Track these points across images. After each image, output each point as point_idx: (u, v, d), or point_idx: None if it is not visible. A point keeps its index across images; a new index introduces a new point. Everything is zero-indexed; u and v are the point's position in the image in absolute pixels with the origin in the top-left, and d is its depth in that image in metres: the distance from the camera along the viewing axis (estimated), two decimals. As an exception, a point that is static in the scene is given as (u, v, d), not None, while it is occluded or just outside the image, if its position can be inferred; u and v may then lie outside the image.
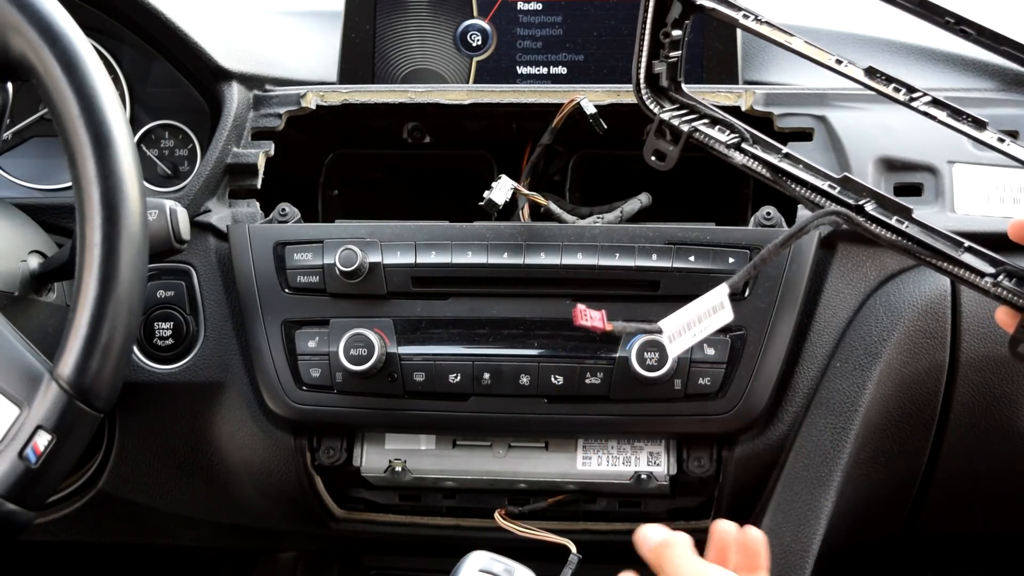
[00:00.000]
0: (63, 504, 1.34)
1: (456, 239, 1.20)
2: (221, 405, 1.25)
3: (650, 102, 1.05)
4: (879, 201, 0.97)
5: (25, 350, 0.99)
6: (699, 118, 1.05)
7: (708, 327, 0.97)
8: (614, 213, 1.27)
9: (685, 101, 1.06)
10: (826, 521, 1.18)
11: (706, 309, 0.96)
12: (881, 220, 0.96)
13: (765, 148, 1.02)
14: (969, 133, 0.91)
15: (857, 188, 0.98)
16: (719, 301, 0.96)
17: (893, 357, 1.18)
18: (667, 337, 0.96)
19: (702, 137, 1.03)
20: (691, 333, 0.96)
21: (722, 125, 1.04)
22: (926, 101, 0.92)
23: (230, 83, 1.30)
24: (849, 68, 0.95)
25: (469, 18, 1.40)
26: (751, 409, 1.16)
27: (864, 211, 0.97)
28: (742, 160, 1.02)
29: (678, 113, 1.05)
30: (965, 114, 0.91)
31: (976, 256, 0.93)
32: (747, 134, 1.03)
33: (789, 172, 1.00)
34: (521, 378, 1.17)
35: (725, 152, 1.02)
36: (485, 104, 1.31)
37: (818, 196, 0.99)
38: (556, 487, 1.25)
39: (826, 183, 0.99)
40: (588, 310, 0.92)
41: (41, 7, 0.98)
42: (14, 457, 0.95)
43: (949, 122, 0.91)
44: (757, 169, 1.01)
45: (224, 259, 1.24)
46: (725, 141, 1.02)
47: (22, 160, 1.37)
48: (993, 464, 1.27)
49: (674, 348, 0.97)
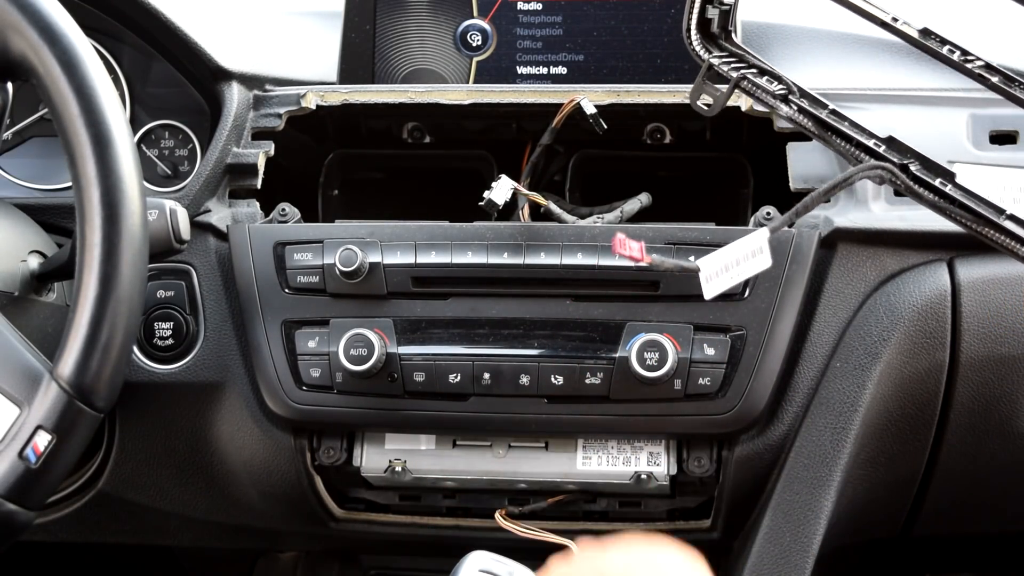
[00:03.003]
0: (63, 504, 1.34)
1: (456, 239, 1.20)
2: (221, 405, 1.25)
3: (699, 47, 1.04)
4: (923, 163, 0.96)
5: (25, 350, 0.99)
6: (748, 67, 1.04)
7: (745, 271, 0.95)
8: (614, 213, 1.27)
9: (734, 50, 1.05)
10: (826, 521, 1.18)
11: (745, 252, 0.94)
12: (925, 181, 0.95)
13: (812, 103, 1.01)
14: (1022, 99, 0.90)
15: (902, 148, 0.97)
16: (759, 245, 0.94)
17: (893, 357, 1.18)
18: (704, 276, 0.93)
19: (749, 86, 1.02)
20: (728, 275, 0.94)
21: (770, 76, 1.03)
22: (979, 65, 0.92)
23: (230, 83, 1.30)
24: (904, 26, 0.94)
25: (469, 18, 1.40)
26: (751, 409, 1.16)
27: (909, 170, 0.96)
28: (788, 112, 1.00)
29: (727, 60, 1.04)
30: (1018, 80, 0.91)
31: (1018, 224, 0.92)
32: (794, 87, 1.02)
33: (835, 127, 0.99)
34: (521, 378, 1.17)
35: (772, 102, 1.01)
36: (485, 104, 1.31)
37: (863, 153, 0.98)
38: (556, 487, 1.25)
39: (872, 140, 0.98)
40: (628, 240, 0.90)
41: (41, 7, 0.98)
42: (14, 457, 0.95)
43: (1002, 87, 0.91)
44: (802, 122, 1.00)
45: (224, 259, 1.24)
46: (773, 91, 1.01)
47: (22, 160, 1.37)
48: (993, 464, 1.27)
49: (710, 288, 0.94)
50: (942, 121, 1.25)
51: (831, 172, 1.22)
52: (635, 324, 1.17)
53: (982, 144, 1.24)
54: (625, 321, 1.17)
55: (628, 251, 0.89)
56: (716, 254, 0.94)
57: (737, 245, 0.94)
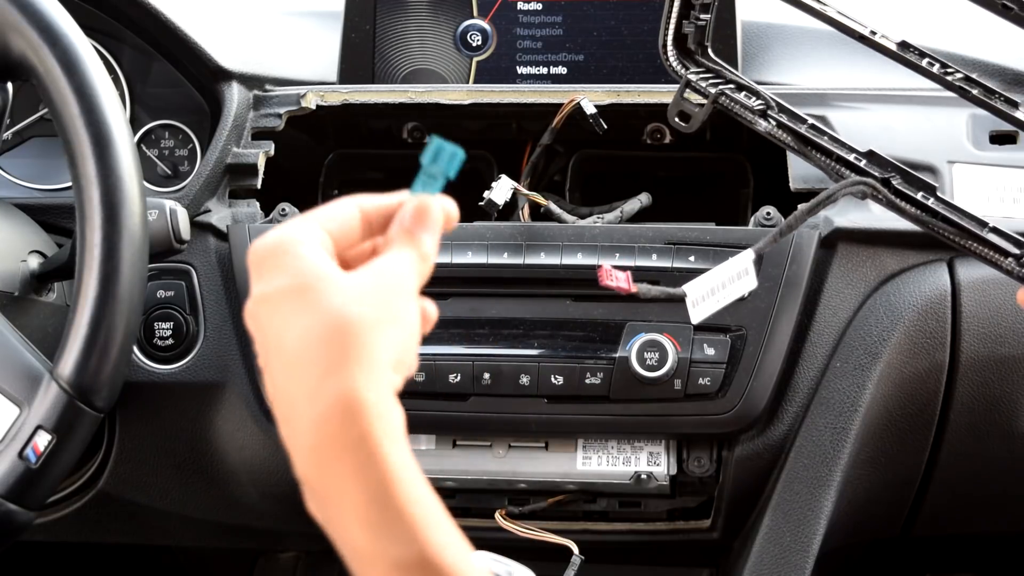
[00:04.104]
0: (63, 504, 1.34)
1: (456, 239, 1.20)
2: (221, 405, 1.25)
3: (676, 63, 1.04)
4: (904, 177, 0.96)
5: (25, 350, 0.99)
6: (725, 83, 1.04)
7: (732, 293, 0.95)
8: (614, 213, 1.27)
9: (711, 65, 1.05)
10: (826, 521, 1.18)
11: (730, 275, 0.95)
12: (907, 195, 0.96)
13: (791, 117, 1.01)
14: (1002, 110, 0.91)
15: (882, 162, 0.97)
16: (744, 267, 0.95)
17: (893, 357, 1.18)
18: (691, 301, 0.94)
19: (728, 102, 1.02)
20: (715, 299, 0.94)
21: (748, 91, 1.03)
22: (959, 77, 0.92)
23: (230, 83, 1.29)
24: (882, 39, 0.94)
25: (469, 18, 1.40)
26: (751, 409, 1.16)
27: (891, 184, 0.96)
28: (767, 127, 1.01)
29: (704, 76, 1.04)
30: (997, 93, 0.91)
31: (1000, 236, 0.93)
32: (773, 102, 1.02)
33: (815, 142, 0.99)
34: (521, 378, 1.17)
35: (751, 118, 1.01)
36: (485, 104, 1.31)
37: (844, 168, 0.98)
38: (556, 487, 1.25)
39: (852, 155, 0.98)
40: (614, 271, 0.90)
41: (41, 7, 0.98)
42: (14, 457, 0.95)
43: (982, 99, 0.91)
44: (782, 136, 1.00)
45: (224, 259, 1.24)
46: (751, 107, 1.01)
47: (22, 160, 1.37)
48: (993, 464, 1.27)
49: (697, 313, 0.94)
50: (942, 121, 1.25)
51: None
52: (635, 324, 1.17)
53: (982, 144, 1.24)
54: (625, 321, 1.17)
55: (615, 281, 0.90)
56: (702, 279, 0.94)
57: (722, 268, 0.95)
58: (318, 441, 0.59)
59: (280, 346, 0.60)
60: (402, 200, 0.72)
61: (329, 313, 0.60)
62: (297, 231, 0.63)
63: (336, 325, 0.59)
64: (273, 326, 0.61)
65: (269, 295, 0.61)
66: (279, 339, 0.60)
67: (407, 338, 0.65)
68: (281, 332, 0.60)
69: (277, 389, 0.61)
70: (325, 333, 0.59)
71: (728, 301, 0.95)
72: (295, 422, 0.60)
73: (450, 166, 0.74)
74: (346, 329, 0.59)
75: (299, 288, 0.60)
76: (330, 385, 0.59)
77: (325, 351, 0.59)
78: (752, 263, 0.94)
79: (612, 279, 0.89)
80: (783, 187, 1.24)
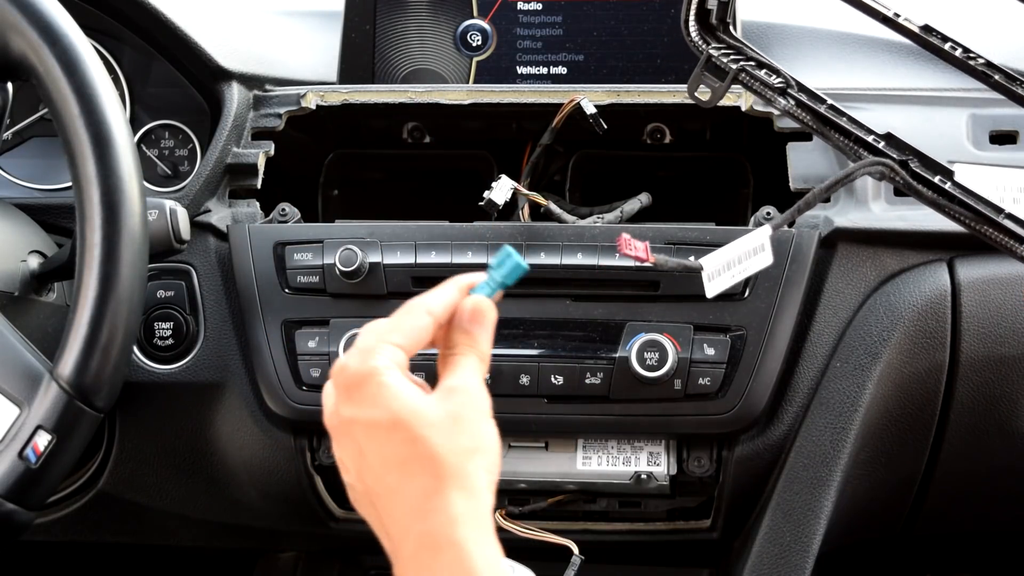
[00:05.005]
0: (63, 504, 1.34)
1: (456, 239, 1.20)
2: (221, 405, 1.25)
3: (698, 38, 1.04)
4: (922, 160, 0.96)
5: (25, 350, 0.99)
6: (746, 60, 1.04)
7: (747, 268, 0.95)
8: (614, 213, 1.27)
9: (732, 42, 1.05)
10: (826, 521, 1.18)
11: (747, 250, 0.95)
12: (924, 177, 0.96)
13: (810, 97, 1.01)
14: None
15: (900, 145, 0.97)
16: (760, 243, 0.95)
17: (893, 357, 1.18)
18: (707, 275, 0.94)
19: (748, 79, 1.02)
20: (730, 273, 0.95)
21: (769, 69, 1.03)
22: (981, 63, 0.92)
23: (230, 83, 1.29)
24: (905, 22, 0.94)
25: (469, 18, 1.40)
26: (751, 409, 1.16)
27: (908, 167, 0.96)
28: (786, 105, 1.00)
29: (726, 52, 1.04)
30: (1020, 79, 0.91)
31: (1016, 223, 0.93)
32: (793, 81, 1.02)
33: (834, 122, 0.99)
34: (521, 378, 1.17)
35: (770, 95, 1.01)
36: (485, 104, 1.31)
37: (861, 149, 0.98)
38: (556, 487, 1.25)
39: (871, 136, 0.98)
40: (633, 240, 0.91)
41: (41, 7, 0.98)
42: (14, 457, 0.95)
43: (1004, 84, 0.91)
44: (800, 115, 1.00)
45: (224, 259, 1.24)
46: (771, 84, 1.01)
47: (22, 160, 1.37)
48: (993, 464, 1.27)
49: (713, 287, 0.94)
50: (942, 121, 1.25)
51: (831, 172, 1.22)
52: (635, 324, 1.17)
53: (982, 144, 1.24)
54: (625, 321, 1.17)
55: (633, 251, 0.90)
56: (718, 252, 0.94)
57: (739, 243, 0.95)
58: (418, 548, 0.71)
59: (382, 469, 0.72)
60: (462, 291, 0.82)
61: (427, 449, 0.72)
62: (380, 359, 0.74)
63: (432, 459, 0.71)
64: (371, 451, 0.73)
65: (363, 422, 0.73)
66: (380, 462, 0.72)
67: (493, 458, 0.75)
68: (381, 458, 0.72)
69: (379, 503, 0.73)
70: (426, 467, 0.71)
71: (744, 276, 0.96)
72: (397, 533, 0.72)
73: (510, 276, 0.81)
74: (442, 463, 0.71)
75: (393, 424, 0.72)
76: (432, 505, 0.71)
77: (426, 480, 0.71)
78: (768, 239, 0.95)
79: (631, 248, 0.90)
80: (783, 187, 1.24)
